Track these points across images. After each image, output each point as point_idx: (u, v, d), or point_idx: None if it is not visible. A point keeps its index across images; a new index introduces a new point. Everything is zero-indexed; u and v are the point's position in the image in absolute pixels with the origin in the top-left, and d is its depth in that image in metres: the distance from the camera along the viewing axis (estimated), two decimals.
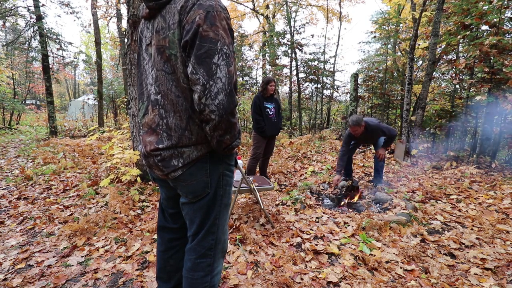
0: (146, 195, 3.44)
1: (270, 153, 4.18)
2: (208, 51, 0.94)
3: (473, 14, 4.83)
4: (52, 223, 2.75)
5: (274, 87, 3.94)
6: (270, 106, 3.91)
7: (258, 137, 3.92)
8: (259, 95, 3.93)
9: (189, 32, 0.94)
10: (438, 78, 7.68)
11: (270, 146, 4.08)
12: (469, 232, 2.59)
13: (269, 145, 4.06)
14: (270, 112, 3.90)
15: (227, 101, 0.96)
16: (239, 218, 2.83)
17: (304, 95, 10.59)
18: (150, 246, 2.30)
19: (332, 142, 7.29)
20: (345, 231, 2.62)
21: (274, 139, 4.14)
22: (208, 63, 0.94)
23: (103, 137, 7.44)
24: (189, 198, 1.14)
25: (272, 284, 1.83)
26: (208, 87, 0.94)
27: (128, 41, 3.51)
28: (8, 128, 11.14)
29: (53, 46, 10.42)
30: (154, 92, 1.09)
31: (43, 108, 18.73)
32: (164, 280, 1.39)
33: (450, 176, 4.37)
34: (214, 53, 0.94)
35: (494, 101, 4.72)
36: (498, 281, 1.90)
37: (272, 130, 3.91)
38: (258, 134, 3.90)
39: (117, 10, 11.60)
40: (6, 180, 4.17)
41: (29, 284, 1.84)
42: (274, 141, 4.15)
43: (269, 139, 4.01)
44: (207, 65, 0.94)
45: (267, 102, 3.91)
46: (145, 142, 1.12)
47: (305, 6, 13.15)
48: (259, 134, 3.89)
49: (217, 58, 0.94)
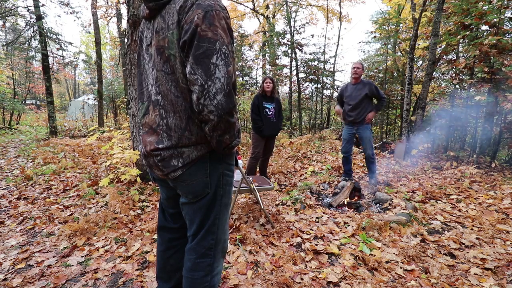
0: (146, 195, 3.44)
1: (270, 153, 4.17)
2: (206, 51, 0.93)
3: (473, 14, 4.83)
4: (52, 223, 2.75)
5: (272, 85, 3.88)
6: (270, 106, 3.89)
7: (256, 136, 3.91)
8: (258, 95, 3.93)
9: (188, 32, 0.94)
10: (438, 78, 7.68)
11: (269, 146, 4.06)
12: (469, 232, 2.59)
13: (268, 145, 4.04)
14: (269, 112, 3.87)
15: (225, 102, 0.95)
16: (239, 218, 2.83)
17: (304, 95, 10.59)
18: (150, 246, 2.30)
19: (332, 142, 7.29)
20: (345, 231, 2.62)
21: (274, 139, 4.12)
22: (207, 63, 0.93)
23: (103, 137, 7.44)
24: (189, 198, 1.14)
25: (272, 284, 1.83)
26: (206, 88, 0.93)
27: (128, 41, 3.51)
28: (8, 128, 11.14)
29: (53, 46, 10.43)
30: (154, 92, 1.09)
31: (43, 108, 18.74)
32: (164, 280, 1.39)
33: (450, 176, 4.37)
34: (213, 53, 0.93)
35: (494, 101, 4.72)
36: (498, 281, 1.90)
37: (270, 130, 3.88)
38: (256, 134, 3.89)
39: (117, 10, 11.61)
40: (6, 180, 4.17)
41: (29, 284, 1.84)
42: (274, 141, 4.14)
43: (268, 139, 3.99)
44: (205, 65, 0.93)
45: (266, 102, 3.89)
46: (145, 142, 1.12)
47: (305, 6, 13.15)
48: (257, 133, 3.88)
49: (215, 58, 0.93)
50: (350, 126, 4.02)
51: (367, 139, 3.88)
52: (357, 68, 3.86)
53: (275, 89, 4.00)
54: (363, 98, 3.81)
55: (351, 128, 4.00)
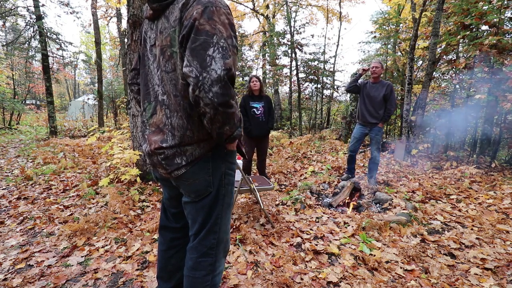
0: (146, 195, 3.44)
1: (264, 154, 4.00)
2: (203, 43, 0.92)
3: (473, 14, 4.83)
4: (52, 223, 2.75)
5: (259, 84, 3.77)
6: (257, 106, 3.76)
7: (244, 136, 3.80)
8: (245, 96, 3.83)
9: (186, 26, 0.94)
10: (438, 78, 7.67)
11: (261, 147, 3.91)
12: (469, 232, 2.59)
13: (260, 145, 3.90)
14: (257, 111, 3.75)
15: (221, 94, 0.92)
16: (239, 218, 2.83)
17: (304, 95, 10.57)
18: (150, 246, 2.30)
19: (332, 142, 7.29)
20: (345, 231, 2.62)
21: (265, 139, 3.93)
22: (202, 55, 0.91)
23: (103, 137, 7.44)
24: (191, 197, 1.14)
25: (272, 284, 1.83)
26: (201, 79, 0.90)
27: (128, 41, 3.50)
28: (8, 128, 11.14)
29: (53, 46, 10.43)
30: (161, 92, 1.10)
31: (43, 108, 18.74)
32: (164, 280, 1.39)
33: (450, 176, 4.37)
34: (209, 45, 0.92)
35: (493, 101, 4.72)
36: (498, 281, 1.90)
37: (258, 130, 3.74)
38: (245, 134, 3.79)
39: (117, 10, 11.61)
40: (6, 180, 4.17)
41: (29, 284, 1.84)
42: (266, 141, 3.95)
43: (258, 140, 3.85)
44: (201, 56, 0.91)
45: (253, 101, 3.76)
46: (150, 141, 1.12)
47: (305, 6, 13.15)
48: (245, 134, 3.78)
49: (212, 50, 0.92)
50: (363, 126, 3.97)
51: (377, 142, 3.87)
52: (375, 67, 3.77)
53: (262, 88, 3.87)
54: (381, 99, 3.77)
55: (364, 128, 3.97)
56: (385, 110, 3.80)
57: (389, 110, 3.77)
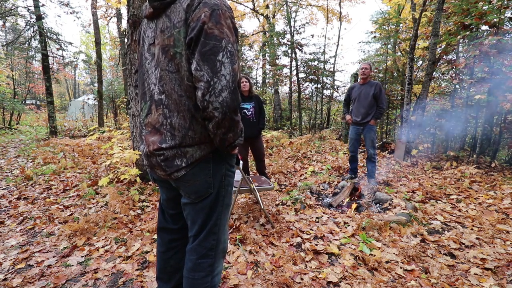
0: (146, 195, 3.44)
1: (261, 155, 3.90)
2: (212, 48, 0.94)
3: (473, 14, 4.83)
4: (52, 223, 2.75)
5: (248, 84, 3.70)
6: (248, 106, 3.69)
7: None
8: None
9: (195, 29, 0.95)
10: (438, 78, 7.67)
11: (256, 148, 3.83)
12: (469, 232, 2.59)
13: (254, 146, 3.82)
14: (248, 112, 3.68)
15: (230, 99, 0.96)
16: (239, 218, 2.83)
17: (304, 95, 10.57)
18: (150, 246, 2.30)
19: (332, 142, 7.29)
20: (345, 231, 2.62)
21: (258, 139, 3.81)
22: (213, 60, 0.94)
23: (103, 137, 7.43)
24: (191, 199, 1.13)
25: (272, 284, 1.83)
26: (212, 84, 0.94)
27: (128, 41, 3.50)
28: (8, 128, 11.14)
29: (53, 46, 10.42)
30: (158, 91, 1.08)
31: (43, 108, 18.73)
32: (164, 281, 1.39)
33: (450, 176, 4.37)
34: (219, 50, 0.94)
35: (493, 101, 4.72)
36: (498, 281, 1.90)
37: (249, 131, 3.65)
38: None
39: (117, 10, 11.61)
40: (6, 180, 4.17)
41: (29, 284, 1.84)
42: (259, 141, 3.83)
43: (252, 141, 3.78)
44: (211, 62, 0.94)
45: (244, 102, 3.69)
46: (148, 142, 1.11)
47: (305, 6, 13.14)
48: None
49: (221, 55, 0.95)
50: (356, 126, 4.07)
51: (370, 139, 3.94)
52: (365, 69, 3.88)
53: (252, 88, 3.81)
54: (371, 99, 3.85)
55: (358, 128, 4.06)
56: (377, 108, 3.89)
57: (380, 108, 3.86)
